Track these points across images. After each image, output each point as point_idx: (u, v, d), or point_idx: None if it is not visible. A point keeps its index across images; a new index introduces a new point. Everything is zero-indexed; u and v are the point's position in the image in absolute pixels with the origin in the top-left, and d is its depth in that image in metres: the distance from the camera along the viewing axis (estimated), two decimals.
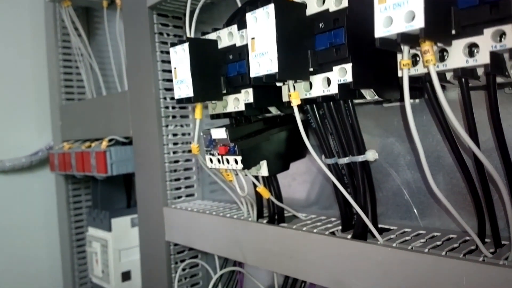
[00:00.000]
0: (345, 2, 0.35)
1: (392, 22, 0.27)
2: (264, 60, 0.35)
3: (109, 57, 0.85)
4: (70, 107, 0.93)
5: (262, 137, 0.47)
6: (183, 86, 0.44)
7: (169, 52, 0.45)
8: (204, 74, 0.44)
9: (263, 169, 0.48)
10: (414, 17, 0.26)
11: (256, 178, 0.50)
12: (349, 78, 0.35)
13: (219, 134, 0.46)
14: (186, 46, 0.43)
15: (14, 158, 0.98)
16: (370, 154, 0.39)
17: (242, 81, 0.44)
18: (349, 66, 0.34)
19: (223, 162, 0.46)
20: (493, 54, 0.28)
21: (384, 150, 0.47)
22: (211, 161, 0.48)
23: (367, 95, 0.38)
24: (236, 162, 0.45)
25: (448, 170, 0.42)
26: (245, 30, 0.43)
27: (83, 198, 0.98)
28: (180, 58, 0.44)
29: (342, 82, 0.35)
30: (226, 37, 0.45)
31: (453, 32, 0.29)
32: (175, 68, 0.44)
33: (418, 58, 0.32)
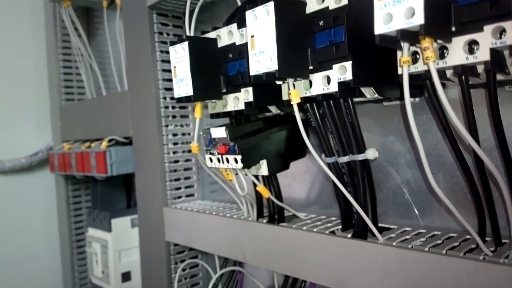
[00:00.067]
0: (344, 0, 0.35)
1: (392, 18, 0.27)
2: (263, 58, 0.35)
3: (109, 57, 0.85)
4: (70, 108, 0.93)
5: (262, 136, 0.47)
6: (183, 85, 0.44)
7: (169, 51, 0.45)
8: (203, 73, 0.44)
9: (263, 168, 0.48)
10: (414, 13, 0.26)
11: (256, 177, 0.50)
12: (349, 76, 0.34)
13: (219, 133, 0.46)
14: (185, 44, 0.43)
15: (14, 158, 0.98)
16: (370, 153, 0.39)
17: (242, 80, 0.44)
18: (349, 64, 0.34)
19: (223, 162, 0.46)
20: (493, 51, 0.28)
21: (384, 149, 0.47)
22: (211, 160, 0.48)
23: (367, 94, 0.38)
24: (236, 161, 0.45)
25: (448, 169, 0.42)
26: (244, 29, 0.42)
27: (83, 198, 0.98)
28: (179, 56, 0.44)
29: (342, 80, 0.35)
30: (225, 35, 0.45)
31: (453, 29, 0.29)
32: (175, 67, 0.44)
33: (418, 56, 0.32)
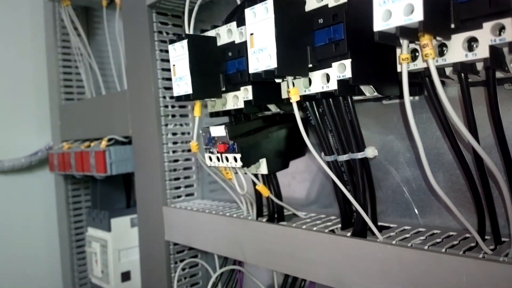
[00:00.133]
0: None
1: (391, 15, 0.27)
2: (263, 56, 0.35)
3: (108, 56, 0.85)
4: (69, 107, 0.93)
5: (261, 134, 0.47)
6: (182, 83, 0.44)
7: (168, 50, 0.45)
8: (203, 71, 0.44)
9: (263, 167, 0.48)
10: (413, 10, 0.26)
11: (255, 176, 0.49)
12: (348, 74, 0.34)
13: (218, 132, 0.46)
14: (185, 43, 0.43)
15: (14, 158, 0.98)
16: (370, 151, 0.39)
17: (241, 78, 0.44)
18: (348, 62, 0.34)
19: (222, 160, 0.46)
20: (492, 48, 0.28)
21: (383, 148, 0.46)
22: (211, 159, 0.48)
23: (367, 92, 0.38)
24: (235, 160, 0.45)
25: (448, 167, 0.42)
26: (244, 27, 0.42)
27: (83, 198, 0.98)
28: (179, 55, 0.44)
29: (341, 78, 0.35)
30: (225, 34, 0.45)
31: (452, 26, 0.29)
32: (174, 65, 0.44)
33: (417, 54, 0.32)
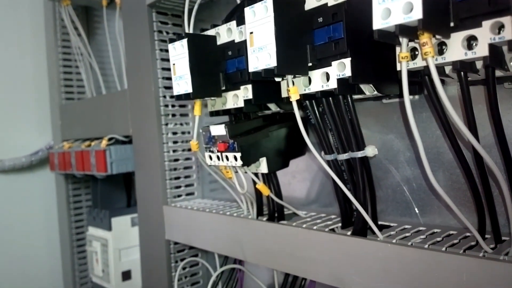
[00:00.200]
0: None
1: (390, 13, 0.27)
2: (262, 54, 0.35)
3: (108, 56, 0.85)
4: (70, 107, 0.93)
5: (261, 133, 0.47)
6: (182, 82, 0.44)
7: (168, 50, 0.45)
8: (203, 70, 0.44)
9: (263, 166, 0.48)
10: (412, 8, 0.26)
11: (255, 175, 0.49)
12: (348, 72, 0.34)
13: (219, 130, 0.46)
14: (184, 42, 0.43)
15: (14, 157, 0.98)
16: (370, 150, 0.39)
17: (241, 77, 0.44)
18: (348, 61, 0.34)
19: (223, 159, 0.46)
20: (491, 47, 0.28)
21: (383, 147, 0.46)
22: (211, 158, 0.48)
23: (366, 91, 0.38)
24: (235, 158, 0.45)
25: (448, 166, 0.42)
26: (244, 26, 0.42)
27: (83, 197, 0.98)
28: (178, 54, 0.44)
29: (341, 77, 0.35)
30: (225, 33, 0.45)
31: (451, 24, 0.29)
32: (174, 64, 0.44)
33: (417, 52, 0.32)
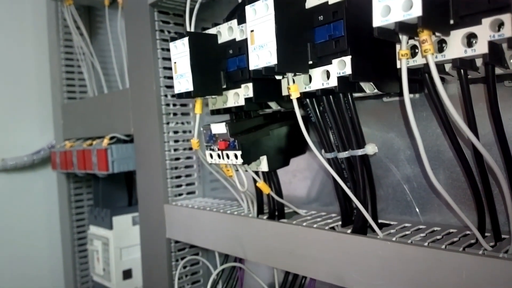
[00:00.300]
0: None
1: (390, 11, 0.27)
2: (263, 52, 0.35)
3: (110, 56, 0.85)
4: (71, 106, 0.94)
5: (262, 132, 0.47)
6: (183, 81, 0.44)
7: (170, 49, 0.45)
8: (204, 69, 0.44)
9: (263, 164, 0.48)
10: (412, 6, 0.26)
11: (256, 173, 0.50)
12: (348, 70, 0.34)
13: (219, 129, 0.46)
14: (186, 40, 0.43)
15: (16, 157, 0.98)
16: (370, 148, 0.39)
17: (242, 75, 0.44)
18: (348, 59, 0.34)
19: (223, 157, 0.46)
20: (491, 44, 0.28)
21: (384, 145, 0.47)
22: (211, 156, 0.48)
23: (367, 89, 0.38)
24: (236, 157, 0.45)
25: (448, 165, 0.42)
26: (245, 25, 0.42)
27: (85, 196, 0.98)
28: (180, 52, 0.44)
29: (341, 74, 0.35)
30: (226, 31, 0.45)
31: (451, 22, 0.29)
32: (175, 62, 0.45)
33: (417, 50, 0.32)
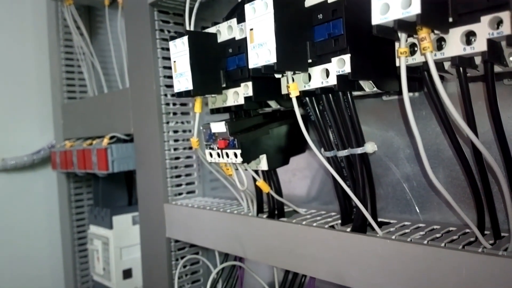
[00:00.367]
0: None
1: (389, 9, 0.27)
2: (262, 51, 0.35)
3: (110, 55, 0.85)
4: (72, 106, 0.94)
5: (261, 131, 0.47)
6: (183, 80, 0.44)
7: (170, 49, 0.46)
8: (203, 68, 0.44)
9: (263, 163, 0.48)
10: (410, 3, 0.26)
11: (256, 172, 0.50)
12: (347, 69, 0.35)
13: (219, 128, 0.46)
14: (185, 39, 0.43)
15: (16, 156, 0.98)
16: (369, 146, 0.39)
17: (242, 74, 0.44)
18: (347, 57, 0.34)
19: (223, 156, 0.46)
20: (490, 42, 0.28)
21: (384, 144, 0.47)
22: (211, 155, 0.48)
23: (366, 87, 0.38)
24: (235, 155, 0.45)
25: (447, 163, 0.42)
26: (244, 23, 0.43)
27: (85, 196, 0.99)
28: (179, 51, 0.44)
29: (340, 73, 0.35)
30: (225, 30, 0.45)
31: (450, 19, 0.29)
32: (175, 61, 0.45)
33: (416, 48, 0.33)
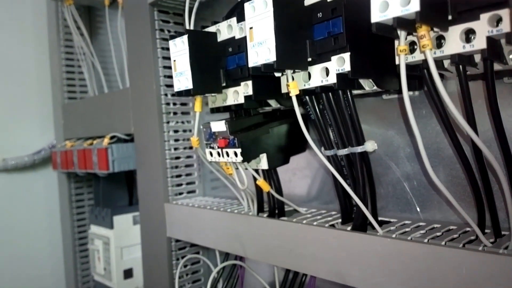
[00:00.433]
0: None
1: (388, 6, 0.27)
2: (262, 49, 0.35)
3: (111, 56, 0.85)
4: (72, 106, 0.94)
5: (261, 130, 0.47)
6: (183, 79, 0.44)
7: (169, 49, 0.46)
8: (203, 67, 0.44)
9: (263, 162, 0.48)
10: (410, 1, 0.26)
11: (256, 171, 0.50)
12: (347, 67, 0.34)
13: (219, 127, 0.46)
14: (185, 38, 0.43)
15: (17, 156, 0.99)
16: (369, 145, 0.39)
17: (242, 73, 0.44)
18: (347, 56, 0.34)
19: (223, 155, 0.46)
20: (489, 39, 0.28)
21: (384, 143, 0.47)
22: (211, 154, 0.48)
23: (366, 86, 0.38)
24: (235, 154, 0.45)
25: (448, 162, 0.42)
26: (244, 22, 0.43)
27: (86, 196, 0.99)
28: (179, 50, 0.44)
29: (340, 71, 0.35)
30: (225, 29, 0.45)
31: (449, 17, 0.29)
32: (175, 60, 0.45)
33: (415, 47, 0.33)
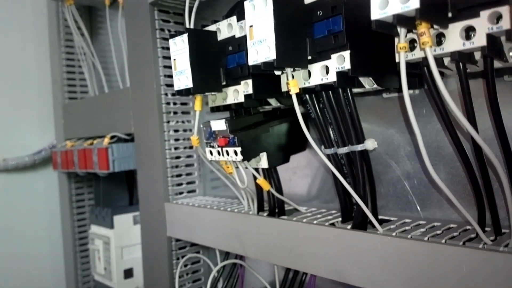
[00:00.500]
0: None
1: (388, 3, 0.27)
2: (262, 47, 0.35)
3: (111, 56, 0.85)
4: (72, 106, 0.94)
5: (262, 128, 0.47)
6: (183, 77, 0.44)
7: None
8: (203, 66, 0.44)
9: (263, 161, 0.48)
10: None
11: (256, 170, 0.50)
12: (347, 65, 0.34)
13: (219, 125, 0.46)
14: (185, 37, 0.43)
15: (17, 157, 0.99)
16: (369, 143, 0.39)
17: (242, 72, 0.44)
18: (347, 54, 0.34)
19: (223, 154, 0.46)
20: (489, 37, 0.28)
21: (384, 142, 0.47)
22: (211, 153, 0.48)
23: (366, 84, 0.38)
24: (235, 153, 0.45)
25: (448, 160, 0.42)
26: (244, 21, 0.43)
27: (86, 196, 0.99)
28: (179, 49, 0.44)
29: (340, 69, 0.35)
30: (225, 28, 0.46)
31: (449, 14, 0.29)
32: (175, 59, 0.45)
33: (415, 44, 0.33)
